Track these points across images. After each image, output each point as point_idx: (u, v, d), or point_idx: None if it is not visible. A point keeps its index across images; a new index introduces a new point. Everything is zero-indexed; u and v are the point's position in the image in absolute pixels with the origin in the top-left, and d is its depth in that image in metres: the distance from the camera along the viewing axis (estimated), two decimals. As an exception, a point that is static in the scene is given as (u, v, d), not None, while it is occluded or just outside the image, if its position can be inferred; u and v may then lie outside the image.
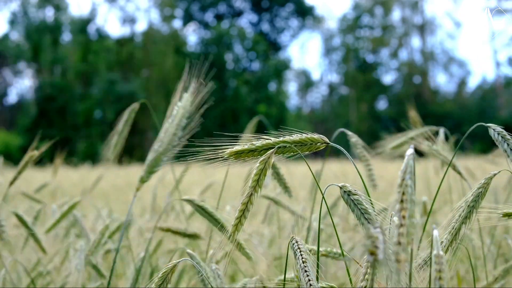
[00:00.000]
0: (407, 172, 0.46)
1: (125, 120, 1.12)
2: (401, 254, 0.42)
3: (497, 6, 0.85)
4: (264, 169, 0.60)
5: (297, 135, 0.62)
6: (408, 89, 26.94)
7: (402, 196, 0.44)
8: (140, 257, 1.06)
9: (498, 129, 0.65)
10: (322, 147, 0.62)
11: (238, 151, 0.61)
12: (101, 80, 23.45)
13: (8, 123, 23.84)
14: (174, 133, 0.65)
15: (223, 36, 25.53)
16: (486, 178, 0.66)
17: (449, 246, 0.64)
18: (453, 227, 0.65)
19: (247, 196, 0.60)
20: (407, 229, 0.43)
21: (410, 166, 0.46)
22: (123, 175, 6.43)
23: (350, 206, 0.58)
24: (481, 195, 0.65)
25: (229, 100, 24.26)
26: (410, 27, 28.34)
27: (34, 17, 24.95)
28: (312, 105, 29.98)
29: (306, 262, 0.60)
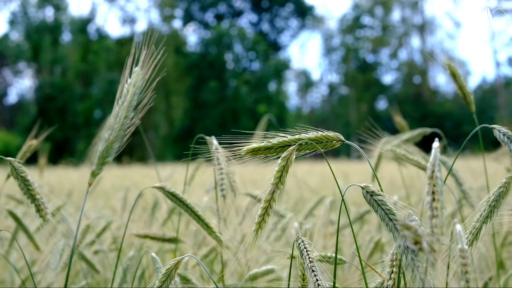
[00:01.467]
0: (435, 164, 0.46)
1: None
2: (435, 244, 0.42)
3: (497, 6, 0.85)
4: (286, 166, 0.60)
5: (312, 133, 0.62)
6: (408, 89, 26.94)
7: (433, 187, 0.45)
8: (129, 256, 1.06)
9: (503, 130, 0.65)
10: (338, 144, 0.62)
11: (255, 148, 0.61)
12: (101, 80, 23.45)
13: (8, 123, 23.83)
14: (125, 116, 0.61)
15: (223, 36, 25.52)
16: (507, 177, 0.65)
17: (471, 246, 0.64)
18: (474, 226, 0.64)
19: (270, 193, 0.60)
20: (439, 220, 0.44)
21: (438, 159, 0.47)
22: (123, 175, 6.42)
23: (373, 207, 0.58)
24: (502, 194, 0.65)
25: (229, 100, 24.25)
26: (410, 27, 28.35)
27: (34, 17, 24.95)
28: (312, 105, 29.99)
29: (313, 261, 0.60)
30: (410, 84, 27.46)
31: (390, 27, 28.54)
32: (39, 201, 0.70)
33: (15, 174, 0.70)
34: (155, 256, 0.74)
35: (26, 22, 24.75)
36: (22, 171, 0.70)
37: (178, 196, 0.80)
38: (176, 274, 0.71)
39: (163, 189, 0.80)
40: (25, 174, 0.70)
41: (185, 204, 0.80)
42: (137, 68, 0.62)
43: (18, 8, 24.84)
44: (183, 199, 0.80)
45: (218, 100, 23.96)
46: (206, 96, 23.89)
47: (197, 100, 23.89)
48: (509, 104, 24.56)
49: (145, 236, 0.98)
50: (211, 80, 24.28)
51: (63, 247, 1.01)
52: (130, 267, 1.03)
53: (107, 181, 4.63)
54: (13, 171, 0.70)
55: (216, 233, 0.81)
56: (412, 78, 27.73)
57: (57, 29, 24.89)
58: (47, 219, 0.69)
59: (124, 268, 1.04)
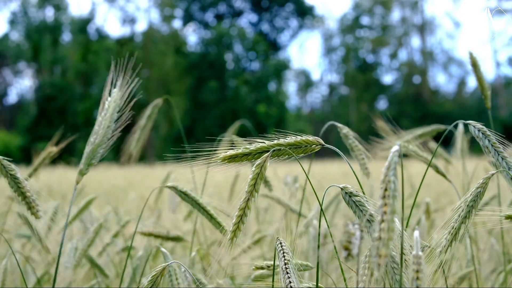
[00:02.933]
0: (390, 168, 0.46)
1: (148, 116, 1.12)
2: (381, 249, 0.42)
3: (497, 6, 0.85)
4: (260, 173, 0.59)
5: (291, 138, 0.61)
6: (408, 89, 26.94)
7: (384, 192, 0.44)
8: (138, 256, 1.06)
9: (478, 125, 0.66)
10: (317, 149, 0.62)
11: (232, 155, 0.61)
12: (101, 80, 23.43)
13: (8, 123, 23.83)
14: (108, 125, 0.68)
15: (223, 36, 25.52)
16: (485, 177, 0.66)
17: (449, 246, 0.64)
18: (452, 227, 0.65)
19: (244, 201, 0.59)
20: (388, 225, 0.43)
21: (394, 163, 0.46)
22: (123, 175, 6.43)
23: (351, 208, 0.58)
24: (479, 194, 0.65)
25: (229, 100, 24.25)
26: (410, 27, 28.35)
27: (34, 17, 24.95)
28: (312, 105, 29.99)
29: (288, 263, 0.60)
30: (410, 84, 27.46)
31: (390, 27, 28.55)
32: (29, 198, 0.70)
33: (4, 172, 0.70)
34: (165, 252, 0.74)
35: (26, 22, 24.75)
36: (11, 169, 0.70)
37: (190, 196, 0.81)
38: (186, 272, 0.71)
39: (175, 188, 0.82)
40: (15, 172, 0.70)
41: (197, 203, 0.81)
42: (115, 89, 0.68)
43: (18, 8, 24.85)
44: (195, 199, 0.81)
45: (218, 100, 23.96)
46: (206, 96, 23.90)
47: (197, 100, 23.89)
48: (509, 104, 24.56)
49: (150, 234, 0.98)
50: (211, 80, 24.28)
51: (76, 246, 1.02)
52: (139, 266, 1.04)
53: (108, 181, 4.63)
54: (2, 169, 0.70)
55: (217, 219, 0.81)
56: (412, 78, 27.73)
57: (57, 29, 24.89)
58: (39, 216, 0.69)
59: (134, 268, 1.04)
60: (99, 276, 1.17)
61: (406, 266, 0.55)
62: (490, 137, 0.65)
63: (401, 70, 28.39)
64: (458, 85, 28.19)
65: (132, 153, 1.11)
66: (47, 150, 1.01)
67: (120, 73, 0.68)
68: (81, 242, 1.07)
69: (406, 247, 0.57)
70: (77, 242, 1.05)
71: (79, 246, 1.05)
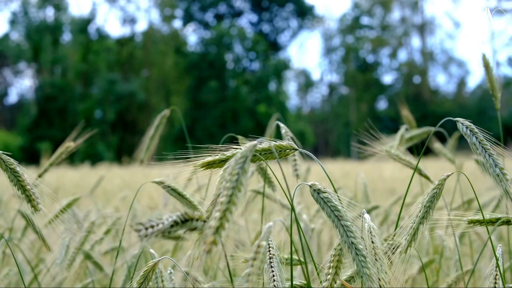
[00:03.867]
0: (238, 161, 0.47)
1: (156, 125, 1.16)
2: (210, 236, 0.43)
3: (497, 6, 0.85)
4: None
5: (266, 143, 0.62)
6: (408, 89, 26.94)
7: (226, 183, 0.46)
8: (134, 254, 1.06)
9: (466, 123, 0.67)
10: (291, 153, 0.63)
11: (209, 161, 0.62)
12: (101, 80, 23.45)
13: (8, 123, 23.84)
14: None
15: (223, 36, 25.52)
16: (440, 179, 0.67)
17: (409, 246, 0.66)
18: (411, 227, 0.67)
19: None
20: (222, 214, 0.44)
21: (245, 156, 0.47)
22: (123, 175, 6.43)
23: (320, 204, 0.59)
24: (436, 195, 0.67)
25: (229, 100, 24.25)
26: (410, 27, 28.36)
27: (34, 17, 24.96)
28: (312, 105, 30.00)
29: (272, 258, 0.62)
30: (410, 84, 27.46)
31: (390, 27, 28.56)
32: (29, 191, 0.70)
33: (4, 167, 0.70)
34: (153, 253, 0.75)
35: (26, 22, 24.76)
36: (11, 163, 0.70)
37: (177, 191, 0.82)
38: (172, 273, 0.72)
39: (163, 184, 0.82)
40: (14, 166, 0.70)
41: (184, 198, 0.81)
42: None
43: (19, 8, 24.86)
44: (182, 193, 0.82)
45: (218, 100, 23.96)
46: (206, 96, 23.90)
47: (197, 100, 23.90)
48: (509, 104, 24.56)
49: None
50: (211, 80, 24.28)
51: (68, 243, 1.02)
52: (134, 264, 1.04)
53: (108, 182, 4.63)
54: (1, 164, 0.70)
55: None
56: (412, 78, 27.74)
57: (58, 29, 24.89)
58: (38, 209, 0.70)
59: (129, 266, 1.04)
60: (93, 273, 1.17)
61: (377, 259, 0.57)
62: (478, 134, 0.65)
63: (401, 70, 28.40)
64: (458, 85, 28.20)
65: (143, 160, 1.14)
66: (64, 145, 1.02)
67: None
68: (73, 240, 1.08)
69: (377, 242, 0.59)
70: (69, 240, 1.05)
71: (72, 244, 1.05)
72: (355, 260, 0.56)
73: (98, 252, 1.22)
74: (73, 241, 1.05)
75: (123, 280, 1.04)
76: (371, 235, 0.59)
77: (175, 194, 0.82)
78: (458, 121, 0.67)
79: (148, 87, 24.67)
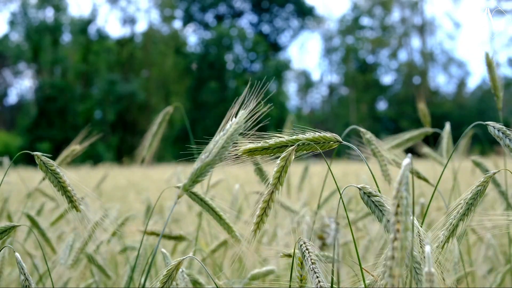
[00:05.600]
0: (402, 183, 0.43)
1: (159, 122, 1.16)
2: (395, 269, 0.41)
3: (497, 7, 0.85)
4: (285, 166, 0.60)
5: (310, 134, 0.62)
6: (408, 89, 26.93)
7: (397, 208, 0.43)
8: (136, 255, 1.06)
9: (498, 126, 0.66)
10: (335, 145, 0.62)
11: (251, 148, 0.61)
12: (101, 81, 23.45)
13: (8, 124, 23.83)
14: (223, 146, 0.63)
15: (223, 37, 25.52)
16: (485, 176, 0.66)
17: (446, 242, 0.65)
18: (451, 223, 0.65)
19: (269, 194, 0.60)
20: (402, 243, 0.41)
21: (406, 177, 0.44)
22: (124, 175, 6.43)
23: (370, 208, 0.58)
24: (480, 193, 0.66)
25: (229, 100, 24.10)
26: (410, 27, 28.35)
27: (34, 17, 24.95)
28: (312, 105, 29.99)
29: (315, 263, 0.60)
30: (409, 84, 27.45)
31: (389, 28, 28.55)
32: (71, 192, 0.71)
33: (44, 168, 0.70)
34: (165, 252, 0.74)
35: (26, 23, 24.75)
36: (51, 164, 0.71)
37: (200, 196, 0.81)
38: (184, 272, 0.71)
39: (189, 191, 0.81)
40: (55, 167, 0.70)
41: (206, 204, 0.81)
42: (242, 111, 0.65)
43: (18, 9, 24.85)
44: (204, 199, 0.81)
45: (218, 100, 23.96)
46: (206, 96, 23.90)
47: (197, 100, 23.89)
48: (508, 105, 24.55)
49: (152, 233, 0.98)
50: (211, 80, 24.28)
51: (72, 243, 1.02)
52: (138, 265, 1.03)
53: (109, 182, 4.63)
54: (42, 166, 0.71)
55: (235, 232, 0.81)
56: (412, 79, 27.73)
57: (57, 30, 24.89)
58: (80, 209, 0.70)
59: (132, 266, 1.04)
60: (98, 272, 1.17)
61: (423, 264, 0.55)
62: (511, 136, 0.65)
63: (401, 70, 28.39)
64: (458, 85, 28.20)
65: (145, 158, 1.14)
66: (70, 148, 1.02)
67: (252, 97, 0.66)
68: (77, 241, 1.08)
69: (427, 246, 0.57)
70: (73, 240, 1.05)
71: (75, 244, 1.05)
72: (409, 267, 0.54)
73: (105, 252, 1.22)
74: (77, 241, 1.05)
75: (126, 281, 1.04)
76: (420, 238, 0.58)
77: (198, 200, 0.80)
78: (489, 124, 0.67)
79: (148, 87, 24.66)
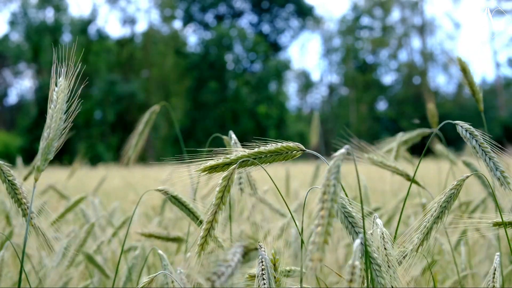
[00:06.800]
0: (331, 172, 0.45)
1: (145, 121, 1.14)
2: (315, 253, 0.41)
3: (497, 7, 0.85)
4: (227, 186, 0.58)
5: (272, 145, 0.61)
6: (408, 90, 26.93)
7: (323, 195, 0.44)
8: (134, 255, 1.06)
9: (465, 126, 0.66)
10: (299, 154, 0.62)
11: (212, 165, 0.60)
12: (101, 81, 23.45)
13: (8, 124, 23.83)
14: (60, 117, 0.66)
15: (223, 37, 25.52)
16: (459, 179, 0.66)
17: (420, 245, 0.65)
18: (425, 226, 0.66)
19: (212, 214, 0.58)
20: (325, 228, 0.42)
21: (336, 166, 0.45)
22: (122, 175, 6.42)
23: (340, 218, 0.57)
24: (453, 196, 0.66)
25: (229, 100, 24.24)
26: (410, 27, 28.35)
27: (34, 17, 24.95)
28: (312, 105, 29.98)
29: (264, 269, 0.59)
30: (409, 85, 27.45)
31: (389, 28, 28.55)
32: (25, 205, 0.69)
33: (3, 178, 0.69)
34: (162, 254, 0.74)
35: (26, 23, 24.75)
36: (9, 174, 0.70)
37: (181, 200, 0.79)
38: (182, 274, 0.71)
39: (165, 192, 0.80)
40: (13, 178, 0.69)
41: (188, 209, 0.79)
42: (61, 79, 0.68)
43: (18, 9, 24.85)
44: (186, 204, 0.79)
45: (218, 101, 23.95)
46: (206, 97, 23.89)
47: (197, 101, 23.89)
48: (508, 105, 24.56)
49: (150, 235, 0.97)
50: (211, 81, 24.27)
51: (66, 245, 1.02)
52: (135, 266, 1.03)
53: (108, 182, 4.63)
54: (0, 175, 0.70)
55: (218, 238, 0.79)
56: (412, 79, 27.73)
57: (57, 30, 24.89)
58: (32, 223, 0.69)
59: (129, 267, 1.04)
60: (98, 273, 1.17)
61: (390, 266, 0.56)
62: (478, 137, 0.65)
63: (401, 71, 28.39)
64: (458, 86, 28.20)
65: (131, 157, 1.13)
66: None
67: (64, 60, 0.67)
68: (73, 242, 1.08)
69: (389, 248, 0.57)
70: (68, 242, 1.05)
71: (72, 245, 1.05)
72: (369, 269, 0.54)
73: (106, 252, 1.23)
74: (73, 242, 1.05)
75: (124, 282, 1.04)
76: (384, 241, 0.58)
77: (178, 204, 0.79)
78: (457, 124, 0.66)
79: (148, 88, 24.66)
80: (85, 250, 1.11)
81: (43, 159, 0.64)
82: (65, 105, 0.67)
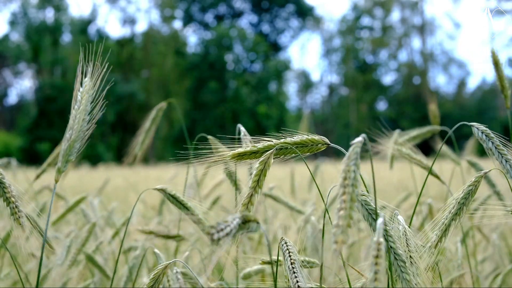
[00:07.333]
0: (351, 158, 0.46)
1: (152, 118, 1.13)
2: (339, 236, 0.42)
3: (497, 7, 0.85)
4: (264, 170, 0.59)
5: (298, 137, 0.61)
6: (408, 90, 26.93)
7: (344, 181, 0.45)
8: (134, 255, 1.06)
9: (482, 127, 0.66)
10: (323, 148, 0.62)
11: (240, 153, 0.61)
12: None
13: (8, 124, 23.83)
14: (83, 119, 0.66)
15: (223, 37, 25.52)
16: (477, 176, 0.66)
17: (439, 241, 0.65)
18: (443, 223, 0.66)
19: (248, 197, 0.59)
20: (348, 212, 0.43)
21: (355, 153, 0.47)
22: (123, 176, 6.42)
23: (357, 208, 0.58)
24: (471, 192, 0.66)
25: (229, 101, 24.24)
26: (410, 28, 28.35)
27: (34, 17, 24.95)
28: (312, 106, 29.99)
29: (294, 263, 0.60)
30: (410, 85, 27.45)
31: (389, 28, 28.55)
32: (14, 203, 0.68)
33: None
34: (158, 253, 0.74)
35: (26, 23, 24.75)
36: None
37: (179, 199, 0.79)
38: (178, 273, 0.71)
39: (163, 191, 0.79)
40: (2, 176, 0.68)
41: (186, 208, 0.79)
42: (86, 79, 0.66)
43: (18, 9, 24.85)
44: (183, 202, 0.79)
45: (218, 101, 23.95)
46: (206, 97, 23.89)
47: (197, 101, 23.89)
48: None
49: (150, 233, 0.97)
50: (211, 81, 24.27)
51: (69, 244, 1.02)
52: (136, 265, 1.03)
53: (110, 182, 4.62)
54: None
55: None
56: (412, 79, 27.73)
57: (57, 30, 24.89)
58: (20, 222, 0.68)
59: (130, 267, 1.04)
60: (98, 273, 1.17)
61: (412, 263, 0.56)
62: (494, 139, 0.65)
63: (401, 71, 28.39)
64: (458, 86, 28.20)
65: (137, 155, 1.12)
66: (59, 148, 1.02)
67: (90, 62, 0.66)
68: (75, 241, 1.08)
69: (411, 245, 0.57)
70: (70, 241, 1.05)
71: (73, 245, 1.05)
72: (394, 265, 0.54)
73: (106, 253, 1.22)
74: (75, 242, 1.06)
75: (124, 282, 1.04)
76: (406, 238, 0.58)
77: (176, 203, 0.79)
78: (473, 125, 0.66)
79: (148, 88, 24.66)
80: (85, 250, 1.11)
81: (64, 160, 0.63)
82: (89, 105, 0.66)
